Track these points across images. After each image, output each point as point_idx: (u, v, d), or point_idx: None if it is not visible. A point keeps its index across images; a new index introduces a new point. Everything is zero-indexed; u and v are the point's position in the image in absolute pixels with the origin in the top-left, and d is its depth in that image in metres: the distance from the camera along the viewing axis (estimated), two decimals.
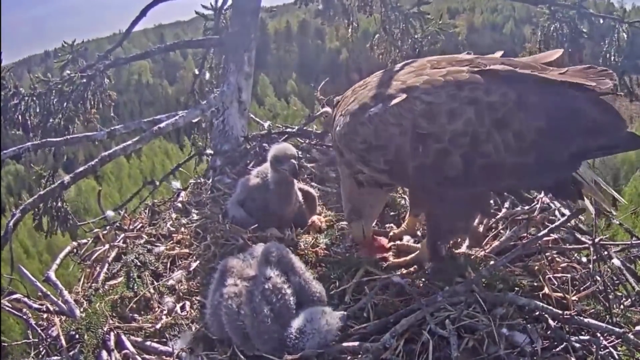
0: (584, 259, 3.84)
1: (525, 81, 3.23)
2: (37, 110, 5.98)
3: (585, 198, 3.53)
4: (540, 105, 3.17)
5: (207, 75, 7.00)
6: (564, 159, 3.21)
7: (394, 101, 3.19)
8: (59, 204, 6.11)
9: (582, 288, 3.51)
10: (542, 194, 4.21)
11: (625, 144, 3.30)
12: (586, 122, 3.18)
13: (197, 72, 7.11)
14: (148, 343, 3.27)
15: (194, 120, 5.78)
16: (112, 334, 3.26)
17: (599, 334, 3.16)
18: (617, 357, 3.10)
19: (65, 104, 5.95)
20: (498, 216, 4.16)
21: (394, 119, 3.20)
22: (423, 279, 3.52)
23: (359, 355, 2.92)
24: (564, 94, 3.22)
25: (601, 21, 6.66)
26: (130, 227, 4.51)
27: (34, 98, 5.99)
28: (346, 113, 3.40)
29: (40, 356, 3.41)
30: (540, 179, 3.38)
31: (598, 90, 3.20)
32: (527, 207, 4.18)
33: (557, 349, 3.07)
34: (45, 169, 6.14)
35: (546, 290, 3.37)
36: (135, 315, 3.53)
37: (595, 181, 3.49)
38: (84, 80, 5.90)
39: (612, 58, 6.40)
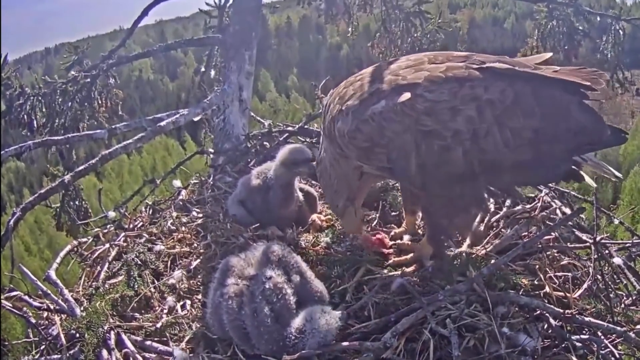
0: (585, 258, 3.84)
1: (522, 79, 3.26)
2: (43, 110, 6.00)
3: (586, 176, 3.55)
4: (535, 105, 3.21)
5: (213, 73, 6.99)
6: (558, 155, 3.30)
7: (400, 99, 3.16)
8: (78, 202, 6.15)
9: (583, 287, 3.51)
10: (543, 193, 4.23)
11: (610, 140, 3.39)
12: (574, 122, 3.26)
13: (203, 69, 7.10)
14: (148, 342, 3.27)
15: (196, 119, 5.77)
16: (112, 332, 3.25)
17: (599, 333, 3.18)
18: (618, 356, 3.11)
19: (70, 103, 5.96)
20: (499, 215, 4.16)
21: (397, 117, 3.18)
22: (424, 278, 3.52)
23: (360, 355, 2.91)
24: (555, 95, 3.27)
25: (598, 19, 6.69)
26: (131, 225, 4.50)
27: (39, 98, 6.00)
28: (346, 109, 3.36)
29: (41, 355, 3.40)
30: (538, 175, 3.43)
31: (592, 88, 3.27)
32: (528, 206, 4.18)
33: (558, 348, 3.08)
34: (60, 170, 6.18)
35: (547, 289, 3.37)
36: (136, 314, 3.54)
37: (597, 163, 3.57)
38: (88, 80, 5.91)
39: (609, 55, 6.43)
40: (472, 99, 3.17)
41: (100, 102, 6.06)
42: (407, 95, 3.16)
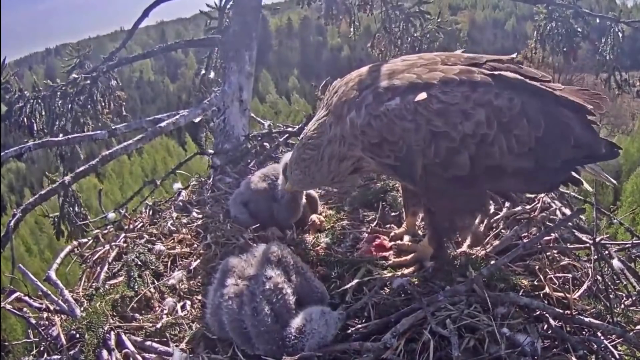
0: (585, 259, 3.84)
1: (529, 91, 3.31)
2: (43, 112, 6.01)
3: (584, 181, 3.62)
4: (540, 116, 3.27)
5: (212, 74, 7.00)
6: (556, 166, 3.36)
7: (417, 98, 3.16)
8: (77, 209, 6.16)
9: (583, 287, 3.51)
10: (542, 194, 4.24)
11: (605, 155, 3.50)
12: (573, 136, 3.33)
13: (203, 71, 7.12)
14: (148, 343, 3.26)
15: (196, 120, 5.78)
16: (112, 333, 3.25)
17: (599, 334, 3.19)
18: (617, 356, 3.11)
19: (70, 106, 5.97)
20: (499, 216, 4.16)
21: (410, 115, 3.18)
22: (424, 279, 3.52)
23: (360, 355, 2.91)
24: (558, 110, 3.34)
25: (597, 20, 6.71)
26: (131, 226, 4.50)
27: (39, 100, 6.01)
28: (360, 102, 3.34)
29: (41, 355, 3.40)
30: (537, 183, 3.48)
31: (592, 112, 3.39)
32: (528, 207, 4.18)
33: (558, 349, 3.08)
34: (54, 171, 6.19)
35: (547, 289, 3.37)
36: (136, 314, 3.53)
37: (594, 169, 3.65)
38: (88, 82, 5.92)
39: (607, 56, 6.45)
40: (482, 104, 3.20)
41: (103, 104, 6.07)
42: (423, 95, 3.16)
